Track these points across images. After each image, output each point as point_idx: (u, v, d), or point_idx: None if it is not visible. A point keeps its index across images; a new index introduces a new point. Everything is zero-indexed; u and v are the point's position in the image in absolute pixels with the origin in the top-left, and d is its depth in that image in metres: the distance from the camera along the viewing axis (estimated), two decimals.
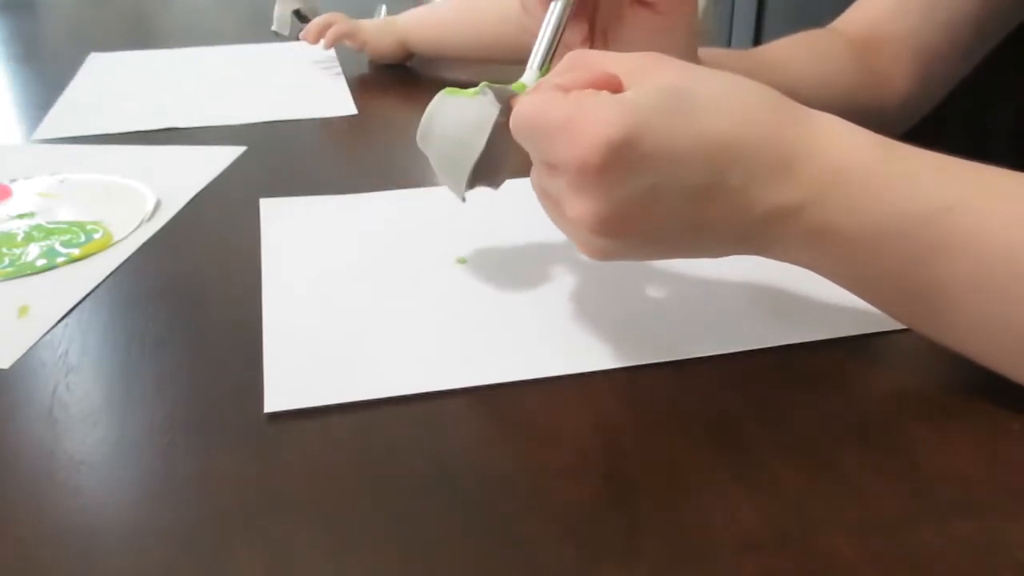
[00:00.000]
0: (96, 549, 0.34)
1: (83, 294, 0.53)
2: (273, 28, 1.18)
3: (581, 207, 0.38)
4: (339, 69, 1.02)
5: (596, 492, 0.36)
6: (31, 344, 0.48)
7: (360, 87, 0.94)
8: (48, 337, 0.49)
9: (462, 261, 0.55)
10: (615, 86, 0.39)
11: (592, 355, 0.45)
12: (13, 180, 0.71)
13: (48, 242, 0.60)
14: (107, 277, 0.55)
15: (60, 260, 0.57)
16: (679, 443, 0.39)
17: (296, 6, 1.17)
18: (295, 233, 0.60)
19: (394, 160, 0.73)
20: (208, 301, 0.52)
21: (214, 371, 0.45)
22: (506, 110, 0.44)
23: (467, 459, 0.38)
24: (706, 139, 0.38)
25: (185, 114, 0.86)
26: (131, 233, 0.61)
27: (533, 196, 0.66)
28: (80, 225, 0.62)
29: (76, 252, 0.58)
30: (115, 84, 1.00)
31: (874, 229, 0.38)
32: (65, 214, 0.65)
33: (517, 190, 0.66)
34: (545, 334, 0.47)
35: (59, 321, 0.50)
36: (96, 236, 0.60)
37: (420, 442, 0.40)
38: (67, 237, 0.60)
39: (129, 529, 0.35)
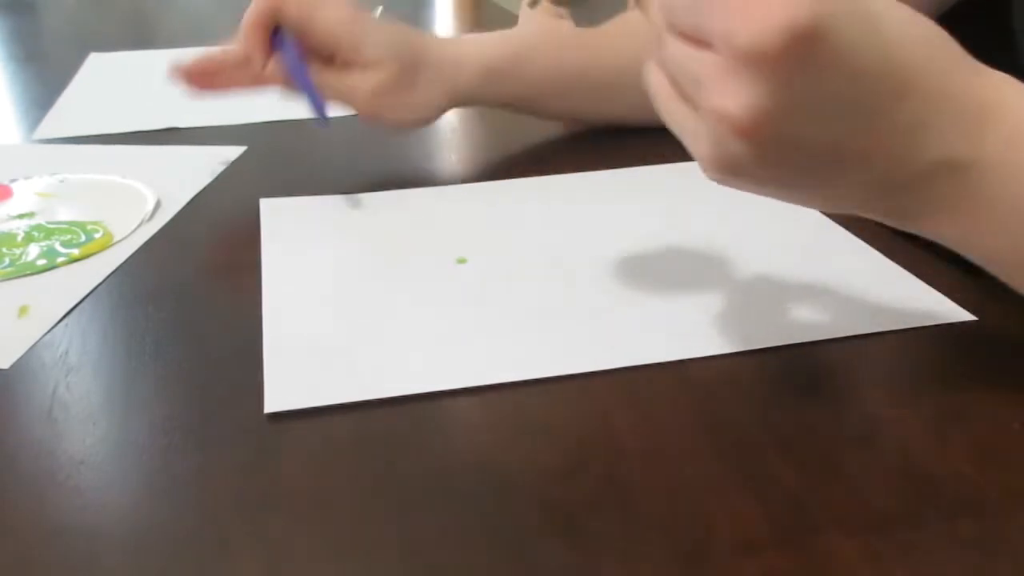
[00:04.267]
0: (96, 549, 0.34)
1: (83, 294, 0.53)
2: None
3: (734, 95, 0.32)
4: None
5: (596, 492, 0.36)
6: (31, 344, 0.48)
7: None
8: (48, 337, 0.49)
9: (462, 261, 0.55)
10: None
11: (592, 355, 0.45)
12: (13, 180, 0.71)
13: (48, 242, 0.60)
14: (107, 277, 0.55)
15: (60, 260, 0.57)
16: (679, 443, 0.39)
17: None
18: (295, 233, 0.60)
19: (394, 160, 0.73)
20: (208, 301, 0.52)
21: (214, 371, 0.45)
22: None
23: (467, 459, 0.38)
24: (890, 60, 0.33)
25: (185, 114, 0.86)
26: (131, 233, 0.61)
27: (533, 196, 0.66)
28: (80, 225, 0.62)
29: (76, 252, 0.58)
30: (115, 84, 1.00)
31: None
32: (65, 214, 0.64)
33: (517, 190, 0.66)
34: (545, 334, 0.47)
35: (59, 321, 0.50)
36: (96, 236, 0.60)
37: (420, 442, 0.40)
38: (67, 237, 0.60)
39: (129, 529, 0.35)
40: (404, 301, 0.51)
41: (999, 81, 0.36)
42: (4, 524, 0.35)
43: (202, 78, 0.68)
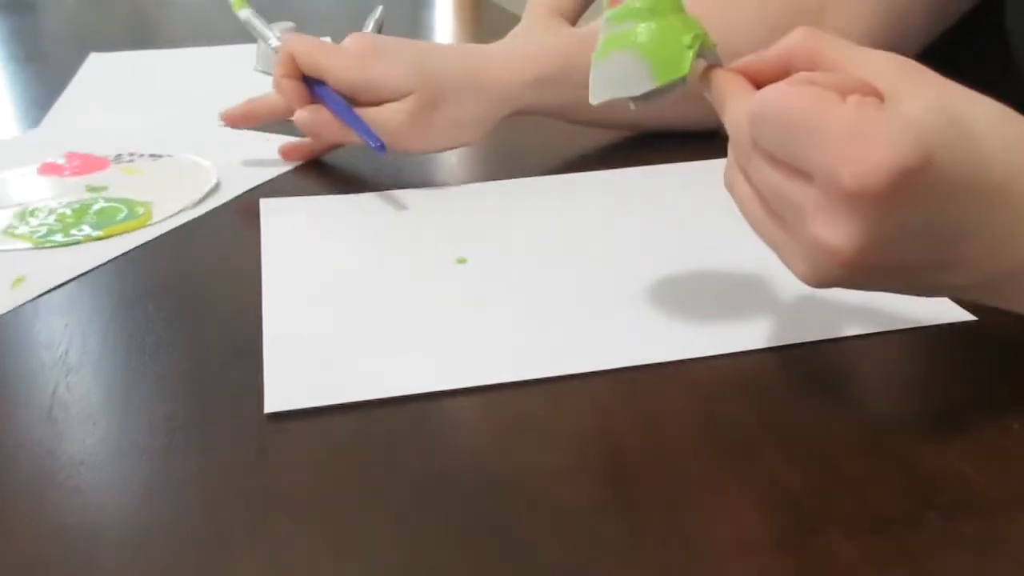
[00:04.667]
0: (96, 549, 0.34)
1: (76, 274, 0.55)
2: (260, 69, 1.04)
3: (836, 230, 0.33)
4: None
5: (596, 493, 0.36)
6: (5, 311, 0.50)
7: None
8: (48, 337, 0.49)
9: (462, 261, 0.55)
10: (876, 96, 0.35)
11: (592, 355, 0.45)
12: (119, 156, 0.75)
13: (86, 218, 0.62)
14: (108, 261, 0.57)
15: (81, 236, 0.60)
16: (679, 443, 0.39)
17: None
18: (295, 233, 0.60)
19: (394, 160, 0.73)
20: (208, 301, 0.52)
21: (214, 371, 0.45)
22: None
23: (467, 459, 0.38)
24: (984, 175, 0.34)
25: (186, 114, 0.86)
26: (166, 218, 0.63)
27: (534, 196, 0.66)
28: (130, 203, 0.65)
29: (99, 232, 0.60)
30: (115, 84, 1.00)
31: None
32: (130, 191, 0.67)
33: (517, 190, 0.66)
34: (545, 334, 0.47)
35: (40, 296, 0.52)
36: (138, 214, 0.63)
37: (420, 442, 0.40)
38: (109, 215, 0.63)
39: (129, 529, 0.35)
40: (404, 301, 0.51)
41: None
42: (4, 524, 0.35)
43: (246, 120, 0.74)
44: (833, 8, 0.67)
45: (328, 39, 1.12)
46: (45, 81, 1.01)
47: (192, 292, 0.53)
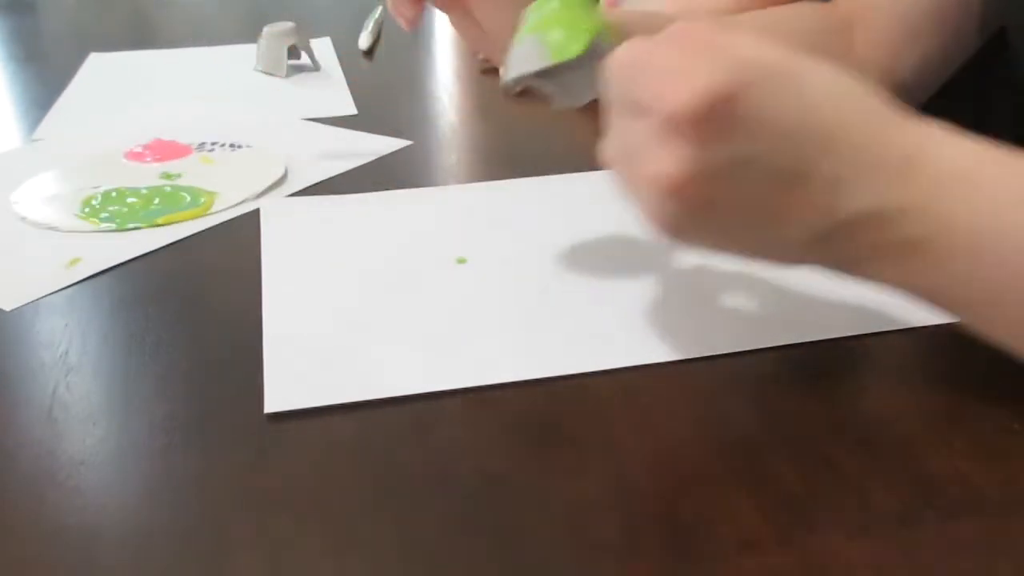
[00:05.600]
0: (96, 549, 0.34)
1: (126, 259, 0.57)
2: (260, 68, 1.01)
3: (662, 159, 0.35)
4: (339, 69, 1.02)
5: (596, 492, 0.36)
6: (44, 293, 0.53)
7: (360, 87, 0.94)
8: (48, 337, 0.49)
9: (462, 261, 0.55)
10: None
11: (592, 355, 0.45)
12: (202, 144, 0.76)
13: (153, 205, 0.64)
14: (156, 250, 0.59)
15: (130, 225, 0.61)
16: (679, 443, 0.39)
17: (290, 42, 1.00)
18: (295, 233, 0.60)
19: (394, 160, 0.73)
20: (208, 301, 0.52)
21: (214, 371, 0.45)
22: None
23: (467, 459, 0.38)
24: (810, 119, 0.35)
25: (186, 114, 0.86)
26: (224, 209, 0.64)
27: (532, 196, 0.66)
28: (195, 192, 0.66)
29: (159, 220, 0.62)
30: (115, 84, 1.00)
31: (995, 238, 0.35)
32: (201, 180, 0.68)
33: (517, 190, 0.66)
34: (545, 334, 0.47)
35: (105, 271, 0.51)
36: (200, 202, 0.64)
37: (420, 442, 0.40)
38: (173, 202, 0.65)
39: (129, 529, 0.35)
40: (404, 301, 0.51)
41: (922, 129, 0.37)
42: (4, 524, 0.35)
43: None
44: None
45: (328, 39, 1.12)
46: (45, 81, 1.01)
47: (192, 292, 0.53)
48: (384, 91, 0.96)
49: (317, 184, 0.68)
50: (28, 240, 0.60)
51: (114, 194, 0.66)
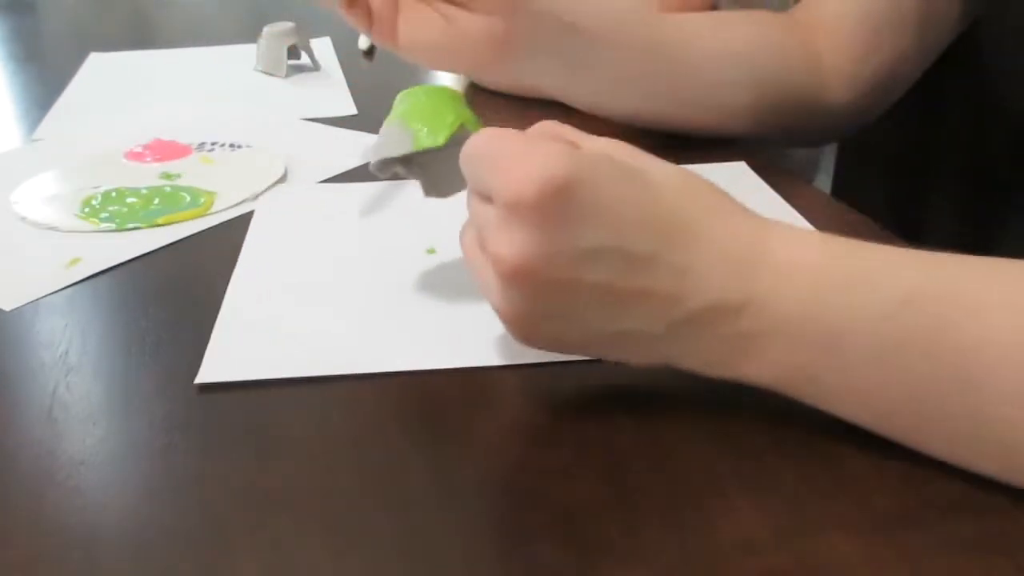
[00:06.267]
0: (96, 549, 0.34)
1: (124, 259, 0.57)
2: (260, 68, 1.01)
3: (502, 243, 0.36)
4: (339, 69, 1.02)
5: (596, 492, 0.36)
6: (43, 294, 0.53)
7: (360, 87, 0.94)
8: (48, 337, 0.49)
9: (431, 251, 0.55)
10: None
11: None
12: (202, 144, 0.76)
13: (152, 205, 0.64)
14: (157, 249, 0.59)
15: (130, 225, 0.61)
16: (679, 443, 0.39)
17: (291, 42, 0.99)
18: (276, 222, 0.61)
19: None
20: (208, 301, 0.52)
21: None
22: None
23: (467, 458, 0.38)
24: (657, 209, 0.37)
25: (187, 114, 0.86)
26: (223, 210, 0.63)
27: None
28: (195, 192, 0.66)
29: (158, 220, 0.62)
30: (115, 84, 1.00)
31: (830, 326, 0.36)
32: (200, 180, 0.68)
33: None
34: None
35: (105, 271, 0.50)
36: (200, 203, 0.64)
37: (421, 442, 0.40)
38: (172, 202, 0.64)
39: (129, 529, 0.35)
40: (370, 286, 0.52)
41: (764, 223, 0.38)
42: (4, 524, 0.35)
43: None
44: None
45: (328, 39, 1.12)
46: (45, 81, 1.01)
47: (192, 292, 0.53)
48: (384, 91, 0.96)
49: (317, 184, 0.68)
50: (28, 240, 0.60)
51: (114, 194, 0.66)
